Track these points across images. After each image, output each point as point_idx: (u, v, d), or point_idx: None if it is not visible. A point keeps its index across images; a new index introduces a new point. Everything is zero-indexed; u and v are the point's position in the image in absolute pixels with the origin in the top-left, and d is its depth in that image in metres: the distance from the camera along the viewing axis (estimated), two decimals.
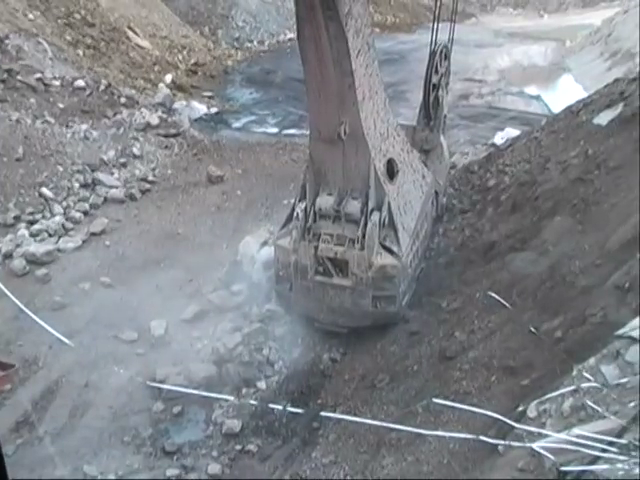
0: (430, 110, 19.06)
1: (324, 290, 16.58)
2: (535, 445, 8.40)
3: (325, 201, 16.13)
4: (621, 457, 7.50)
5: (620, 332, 10.13)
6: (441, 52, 18.87)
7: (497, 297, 13.77)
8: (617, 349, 9.79)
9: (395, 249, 16.21)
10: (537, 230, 16.07)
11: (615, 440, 7.83)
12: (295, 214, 16.49)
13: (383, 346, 16.16)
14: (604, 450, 7.99)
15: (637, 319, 10.27)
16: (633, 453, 7.60)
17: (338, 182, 16.04)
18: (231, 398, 15.77)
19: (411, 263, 16.99)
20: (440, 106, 19.32)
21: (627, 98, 17.09)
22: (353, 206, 15.95)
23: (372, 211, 15.94)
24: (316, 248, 16.29)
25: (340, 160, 15.65)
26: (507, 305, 13.46)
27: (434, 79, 18.77)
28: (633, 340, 9.69)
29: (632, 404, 8.65)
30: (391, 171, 16.47)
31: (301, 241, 16.36)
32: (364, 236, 15.88)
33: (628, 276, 11.81)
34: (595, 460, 7.69)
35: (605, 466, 7.58)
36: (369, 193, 15.84)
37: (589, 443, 8.08)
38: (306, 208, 16.32)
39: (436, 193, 19.20)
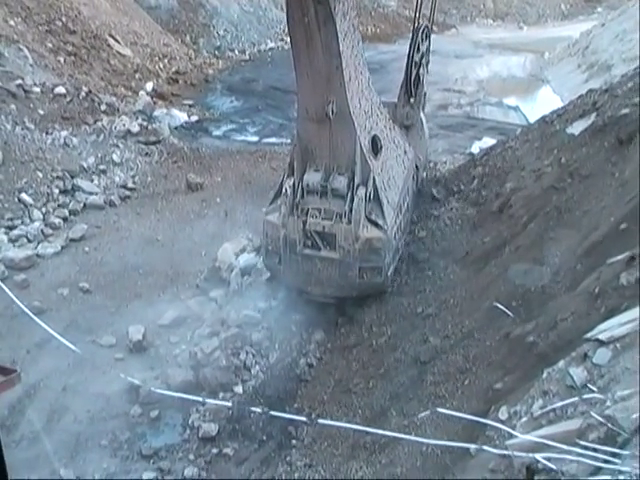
0: (411, 87, 19.60)
1: (312, 263, 17.00)
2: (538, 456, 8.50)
3: (313, 177, 16.57)
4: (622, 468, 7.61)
5: (588, 335, 10.31)
6: (423, 31, 19.45)
7: (502, 307, 13.89)
8: (585, 352, 9.96)
9: (380, 222, 16.72)
10: (511, 237, 16.29)
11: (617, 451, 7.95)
12: (284, 190, 16.86)
13: (359, 351, 16.32)
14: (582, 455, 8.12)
15: (605, 323, 10.47)
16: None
17: (325, 159, 16.51)
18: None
19: (395, 235, 17.48)
20: (421, 84, 19.94)
21: (599, 108, 17.36)
22: (340, 182, 16.43)
23: (358, 186, 16.39)
24: (304, 223, 16.71)
25: (327, 138, 16.08)
26: (510, 314, 13.58)
27: (416, 57, 19.34)
28: (601, 343, 9.87)
29: (597, 405, 8.82)
30: (375, 147, 16.95)
31: (290, 216, 16.77)
32: (351, 210, 16.38)
33: (598, 281, 12.02)
34: (597, 471, 7.81)
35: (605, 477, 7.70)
36: (355, 169, 16.33)
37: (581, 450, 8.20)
38: (294, 184, 16.72)
39: (417, 167, 19.77)
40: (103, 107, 29.70)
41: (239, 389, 16.38)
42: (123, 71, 36.00)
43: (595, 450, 8.07)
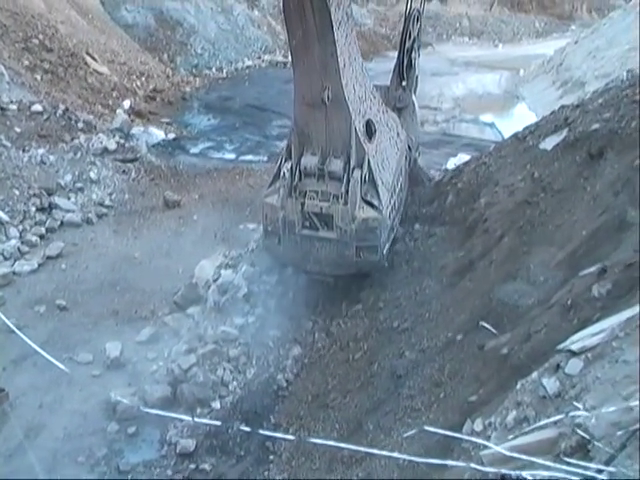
0: (403, 71, 20.37)
1: (311, 243, 17.57)
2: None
3: (309, 160, 17.10)
4: None
5: (561, 346, 10.43)
6: (414, 17, 20.08)
7: (487, 326, 14.00)
8: (558, 362, 10.07)
9: (376, 203, 17.28)
10: (486, 251, 16.43)
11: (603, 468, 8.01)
12: (282, 173, 17.33)
13: (335, 366, 16.38)
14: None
15: (577, 334, 10.60)
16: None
17: (321, 143, 17.02)
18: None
19: (390, 215, 18.03)
20: (412, 67, 20.71)
21: (571, 124, 17.55)
22: (336, 164, 16.97)
23: (354, 169, 16.92)
24: (303, 204, 17.26)
25: (323, 122, 16.60)
26: (495, 332, 13.66)
27: (407, 42, 20.05)
28: (572, 353, 9.99)
29: (571, 414, 8.92)
30: (369, 131, 17.48)
31: (288, 198, 17.28)
32: (347, 192, 16.94)
33: (570, 293, 12.16)
34: None
35: None
36: (350, 152, 16.86)
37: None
38: (292, 167, 17.20)
39: (409, 148, 20.36)
40: (80, 125, 29.77)
41: (217, 405, 16.39)
42: (100, 89, 36.09)
43: (570, 464, 8.14)
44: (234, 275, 19.22)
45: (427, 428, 11.53)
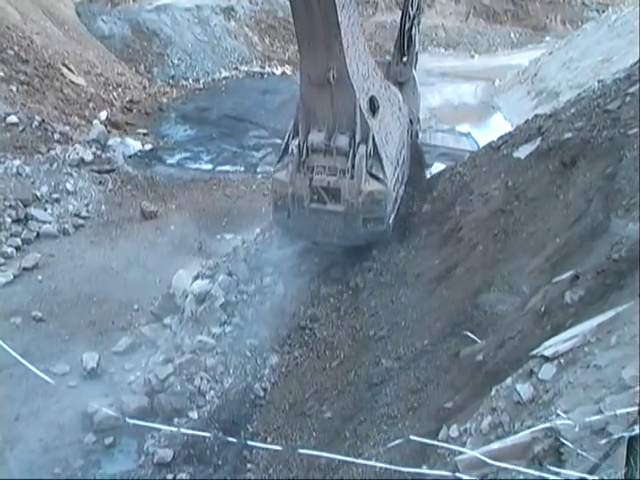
0: (404, 47, 21.09)
1: (319, 216, 18.20)
2: None
3: (316, 137, 17.67)
4: None
5: (534, 352, 10.53)
6: None
7: (471, 335, 14.11)
8: (531, 368, 10.17)
9: (381, 176, 17.92)
10: (461, 259, 16.54)
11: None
12: (290, 150, 17.91)
13: (312, 375, 16.42)
14: None
15: (550, 340, 10.70)
16: None
17: (327, 120, 17.60)
18: None
19: (394, 187, 18.65)
20: (412, 43, 21.43)
21: (544, 133, 17.73)
22: (342, 140, 17.57)
23: (359, 144, 17.52)
24: (311, 179, 17.90)
25: (329, 101, 17.17)
26: (478, 340, 13.75)
27: (408, 19, 20.74)
28: (546, 359, 10.09)
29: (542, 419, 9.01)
30: (373, 107, 18.05)
31: (297, 174, 17.86)
32: (353, 166, 17.55)
33: (544, 300, 12.27)
34: None
35: None
36: (355, 128, 17.45)
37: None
38: (299, 144, 17.75)
39: (410, 122, 21.02)
40: (56, 136, 29.66)
41: (194, 415, 16.40)
42: (77, 100, 35.86)
43: (550, 471, 8.20)
44: (211, 285, 19.22)
45: (413, 437, 11.59)
